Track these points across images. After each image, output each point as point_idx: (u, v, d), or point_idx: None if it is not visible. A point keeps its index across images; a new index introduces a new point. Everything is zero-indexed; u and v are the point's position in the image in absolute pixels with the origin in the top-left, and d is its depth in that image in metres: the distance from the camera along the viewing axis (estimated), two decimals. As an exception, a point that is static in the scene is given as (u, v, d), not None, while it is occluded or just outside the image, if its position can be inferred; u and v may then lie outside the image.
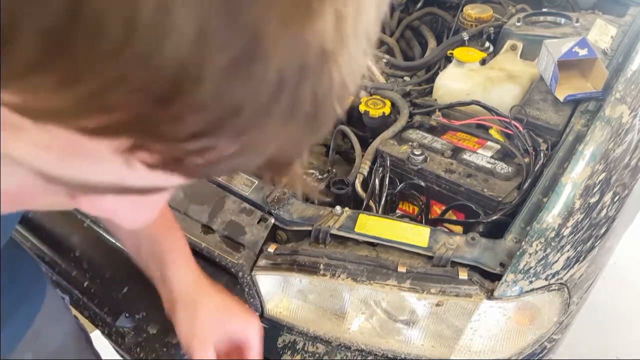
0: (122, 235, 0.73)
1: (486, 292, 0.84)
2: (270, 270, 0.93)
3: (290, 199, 0.99)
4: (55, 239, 0.93)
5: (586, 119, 1.07)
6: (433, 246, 0.88)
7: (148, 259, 0.68)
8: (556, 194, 0.90)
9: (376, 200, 1.05)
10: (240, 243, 0.97)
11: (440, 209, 1.06)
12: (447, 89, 1.29)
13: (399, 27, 1.69)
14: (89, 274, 0.89)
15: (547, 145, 1.09)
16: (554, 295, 0.88)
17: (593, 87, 1.14)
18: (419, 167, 1.05)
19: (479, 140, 1.12)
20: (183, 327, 0.68)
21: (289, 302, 0.98)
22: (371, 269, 0.88)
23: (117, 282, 0.85)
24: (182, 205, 1.05)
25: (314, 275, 0.90)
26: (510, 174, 1.01)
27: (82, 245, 0.91)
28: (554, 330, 0.90)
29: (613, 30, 1.37)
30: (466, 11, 1.50)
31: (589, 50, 1.13)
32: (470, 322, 0.86)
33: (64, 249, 0.92)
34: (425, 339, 0.91)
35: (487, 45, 1.46)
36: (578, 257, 0.90)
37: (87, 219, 1.18)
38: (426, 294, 0.85)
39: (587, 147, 0.97)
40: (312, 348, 0.96)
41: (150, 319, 0.84)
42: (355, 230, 0.92)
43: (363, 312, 0.93)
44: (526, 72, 1.27)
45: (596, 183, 0.94)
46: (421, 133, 1.15)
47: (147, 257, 0.68)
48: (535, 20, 1.45)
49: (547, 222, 0.87)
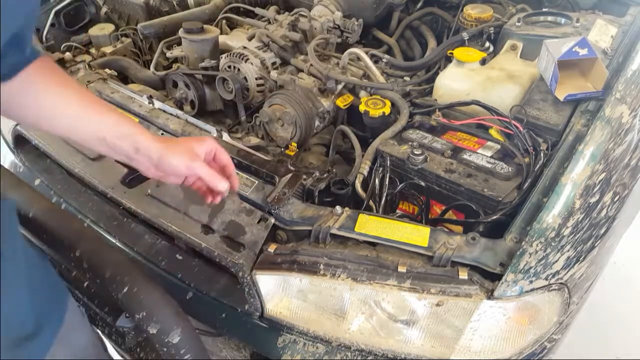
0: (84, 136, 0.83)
1: (486, 292, 0.84)
2: (270, 270, 0.93)
3: (290, 199, 1.00)
4: (55, 239, 0.93)
5: (586, 118, 1.07)
6: (433, 246, 0.88)
7: (116, 142, 0.81)
8: (556, 194, 0.90)
9: (376, 200, 1.05)
10: (240, 243, 0.97)
11: (440, 209, 1.06)
12: (447, 89, 1.29)
13: (399, 27, 1.69)
14: (89, 274, 0.89)
15: (547, 145, 1.09)
16: (554, 295, 0.88)
17: (593, 87, 1.14)
18: (419, 167, 1.05)
19: (479, 140, 1.12)
20: (177, 162, 0.82)
21: (289, 302, 0.98)
22: (371, 269, 0.88)
23: (117, 282, 0.85)
24: (182, 205, 1.05)
25: (314, 275, 0.90)
26: (510, 174, 1.01)
27: (82, 245, 0.91)
28: (554, 330, 0.90)
29: (613, 30, 1.37)
30: (466, 11, 1.50)
31: (589, 50, 1.13)
32: (470, 322, 0.86)
33: (64, 249, 0.91)
34: (425, 339, 0.91)
35: (487, 45, 1.46)
36: (578, 257, 0.90)
37: (87, 219, 1.18)
38: (426, 294, 0.85)
39: (587, 147, 0.97)
40: (312, 348, 0.96)
41: (150, 319, 0.84)
42: (355, 230, 0.92)
43: (363, 312, 0.93)
44: (526, 72, 1.27)
45: (596, 183, 0.94)
46: (421, 133, 1.15)
47: (114, 141, 0.81)
48: (535, 20, 1.45)
49: (547, 222, 0.87)
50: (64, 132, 0.83)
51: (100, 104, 0.81)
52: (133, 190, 1.11)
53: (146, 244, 1.11)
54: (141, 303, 0.85)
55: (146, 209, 1.06)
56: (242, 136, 1.30)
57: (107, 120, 0.80)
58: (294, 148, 1.24)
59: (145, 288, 0.86)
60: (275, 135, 1.30)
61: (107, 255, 0.91)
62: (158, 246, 1.11)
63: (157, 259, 1.09)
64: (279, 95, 1.26)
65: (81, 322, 0.86)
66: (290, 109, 1.24)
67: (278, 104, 1.26)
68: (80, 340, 0.85)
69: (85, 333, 0.87)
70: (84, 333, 0.86)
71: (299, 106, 1.24)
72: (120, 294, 0.85)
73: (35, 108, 0.77)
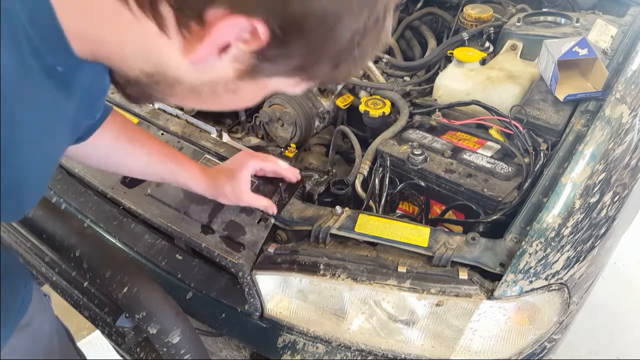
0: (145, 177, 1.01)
1: (486, 292, 0.84)
2: (270, 270, 0.93)
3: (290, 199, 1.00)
4: (55, 239, 0.93)
5: (586, 119, 1.07)
6: (433, 246, 0.88)
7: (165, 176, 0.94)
8: (556, 194, 0.90)
9: (376, 200, 1.05)
10: (240, 243, 0.97)
11: (440, 209, 1.06)
12: (447, 89, 1.29)
13: (399, 27, 1.69)
14: (89, 274, 0.89)
15: (547, 145, 1.09)
16: (554, 295, 0.88)
17: (593, 87, 1.14)
18: (419, 167, 1.05)
19: (479, 140, 1.12)
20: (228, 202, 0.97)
21: (289, 302, 0.98)
22: (371, 269, 0.88)
23: (117, 282, 0.85)
24: (182, 205, 1.05)
25: (314, 275, 0.90)
26: (510, 174, 1.01)
27: (82, 245, 0.91)
28: (554, 330, 0.90)
29: (613, 30, 1.37)
30: (466, 11, 1.50)
31: (589, 50, 1.13)
32: (470, 322, 0.86)
33: (64, 249, 0.91)
34: (425, 339, 0.91)
35: (487, 45, 1.46)
36: (578, 257, 0.90)
37: (87, 219, 1.18)
38: (426, 294, 0.85)
39: (587, 147, 0.97)
40: (312, 348, 0.96)
41: (150, 319, 0.84)
42: (355, 230, 0.92)
43: (363, 312, 0.93)
44: (526, 72, 1.27)
45: (596, 183, 0.94)
46: (421, 133, 1.15)
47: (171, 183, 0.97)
48: (535, 20, 1.45)
49: (547, 222, 0.87)
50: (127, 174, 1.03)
51: (162, 154, 0.92)
52: (133, 190, 1.11)
53: (146, 244, 1.11)
54: (141, 303, 0.85)
55: (146, 209, 1.06)
56: (242, 136, 1.30)
57: (167, 170, 0.92)
58: (293, 149, 1.24)
59: (145, 288, 0.86)
60: (275, 135, 1.30)
61: (107, 255, 0.91)
62: (158, 246, 1.11)
63: (157, 259, 1.09)
64: (279, 95, 1.26)
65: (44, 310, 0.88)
66: (290, 109, 1.24)
67: (278, 104, 1.26)
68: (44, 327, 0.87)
69: (48, 321, 0.89)
70: (46, 321, 0.88)
71: (298, 106, 1.24)
72: (120, 294, 0.85)
73: (105, 162, 0.88)
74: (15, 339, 0.77)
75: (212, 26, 0.45)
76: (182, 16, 0.46)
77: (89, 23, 0.48)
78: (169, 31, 0.47)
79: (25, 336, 0.80)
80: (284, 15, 0.45)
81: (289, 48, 0.49)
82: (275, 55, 0.49)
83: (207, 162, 1.10)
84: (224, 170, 0.97)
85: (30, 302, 0.80)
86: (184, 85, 0.53)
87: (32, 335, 0.83)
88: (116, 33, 0.48)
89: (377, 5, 0.49)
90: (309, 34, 0.47)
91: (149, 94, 0.56)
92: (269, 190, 1.02)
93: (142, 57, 0.50)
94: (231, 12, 0.44)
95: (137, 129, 0.91)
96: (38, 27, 0.45)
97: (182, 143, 1.16)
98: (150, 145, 0.90)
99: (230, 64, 0.50)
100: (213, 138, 1.17)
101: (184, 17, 0.46)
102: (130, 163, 0.90)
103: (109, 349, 1.77)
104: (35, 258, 1.01)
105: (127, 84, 0.56)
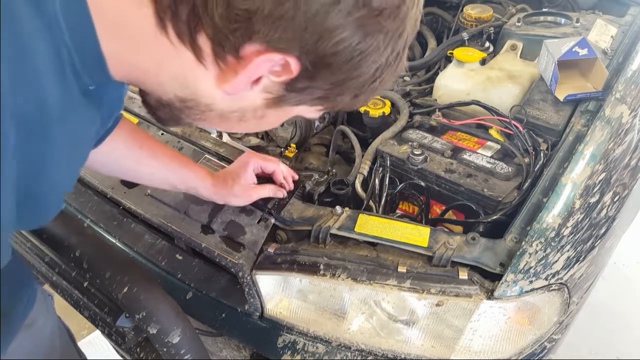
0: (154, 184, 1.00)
1: (486, 292, 0.84)
2: (270, 270, 0.93)
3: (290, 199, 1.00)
4: (55, 239, 0.93)
5: (586, 119, 1.07)
6: (433, 246, 0.88)
7: (182, 190, 0.97)
8: (556, 194, 0.90)
9: (376, 200, 1.05)
10: (240, 243, 0.97)
11: (440, 209, 1.06)
12: (447, 89, 1.29)
13: (399, 27, 1.68)
14: (89, 274, 0.89)
15: (547, 145, 1.09)
16: (554, 295, 0.88)
17: (593, 87, 1.14)
18: (419, 167, 1.05)
19: (479, 140, 1.12)
20: (238, 203, 0.98)
21: (289, 302, 0.98)
22: (371, 269, 0.88)
23: (117, 282, 0.85)
24: (182, 205, 1.05)
25: (314, 275, 0.90)
26: (510, 174, 1.01)
27: (82, 245, 0.91)
28: (554, 330, 0.90)
29: (613, 30, 1.37)
30: (466, 11, 1.50)
31: (589, 50, 1.13)
32: (470, 322, 0.86)
33: (64, 249, 0.91)
34: (425, 339, 0.91)
35: (487, 45, 1.46)
36: (578, 257, 0.90)
37: (87, 219, 1.18)
38: (426, 294, 0.85)
39: (587, 147, 0.97)
40: (312, 348, 0.96)
41: (150, 319, 0.84)
42: (355, 230, 0.92)
43: (363, 312, 0.93)
44: (526, 72, 1.27)
45: (596, 183, 0.94)
46: (421, 133, 1.15)
47: (181, 189, 0.98)
48: (535, 20, 1.45)
49: (547, 222, 0.87)
50: (136, 181, 1.02)
51: (171, 159, 0.93)
52: (133, 190, 1.10)
53: (146, 244, 1.11)
54: (141, 303, 0.85)
55: (146, 209, 1.06)
56: (241, 136, 1.30)
57: (176, 177, 0.94)
58: (293, 149, 1.24)
59: (145, 288, 0.86)
60: (275, 136, 1.30)
61: (107, 255, 0.91)
62: (158, 246, 1.11)
63: (157, 259, 1.09)
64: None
65: (47, 310, 0.88)
66: (290, 109, 1.24)
67: (278, 104, 1.26)
68: (46, 328, 0.87)
69: (50, 322, 0.89)
70: (49, 322, 0.88)
71: (299, 106, 1.24)
72: (120, 294, 0.85)
73: (116, 168, 0.89)
74: (18, 338, 0.77)
75: (248, 61, 0.48)
76: (220, 49, 0.48)
77: (127, 48, 0.49)
78: (206, 62, 0.49)
79: (28, 336, 0.81)
80: (316, 52, 0.48)
81: (317, 81, 0.52)
82: (303, 87, 0.52)
83: (207, 162, 1.10)
84: (230, 172, 0.99)
85: (34, 303, 0.81)
86: (214, 112, 0.56)
87: (34, 335, 0.83)
88: (154, 59, 0.50)
89: (399, 42, 0.52)
90: (336, 69, 0.50)
91: (179, 117, 0.59)
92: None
93: (177, 83, 0.53)
94: (267, 49, 0.47)
95: (145, 135, 0.91)
96: (81, 52, 0.47)
97: (182, 143, 1.16)
98: (159, 151, 0.92)
99: (260, 93, 0.53)
100: (213, 138, 1.17)
101: (222, 50, 0.48)
102: (140, 169, 0.91)
103: (109, 349, 1.77)
104: (35, 258, 1.01)
105: (159, 107, 0.58)
